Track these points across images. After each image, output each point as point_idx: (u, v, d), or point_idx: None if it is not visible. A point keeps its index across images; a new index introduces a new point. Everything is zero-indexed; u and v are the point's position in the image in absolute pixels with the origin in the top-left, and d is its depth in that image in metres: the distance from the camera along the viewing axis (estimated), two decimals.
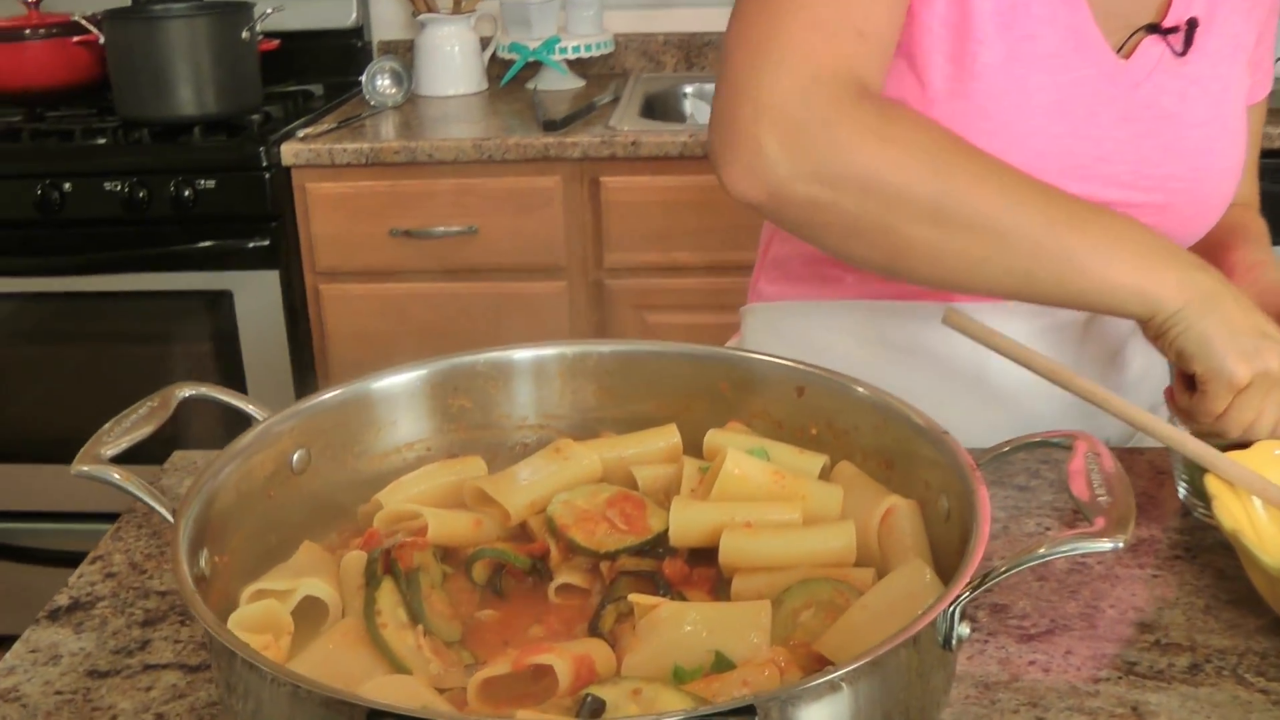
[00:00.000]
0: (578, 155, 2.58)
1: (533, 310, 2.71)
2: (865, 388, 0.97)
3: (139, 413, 0.88)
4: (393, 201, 2.61)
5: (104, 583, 1.12)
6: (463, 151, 2.57)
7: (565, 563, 0.92)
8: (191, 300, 2.57)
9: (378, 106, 2.83)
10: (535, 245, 2.66)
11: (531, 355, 1.05)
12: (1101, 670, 0.99)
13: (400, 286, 2.68)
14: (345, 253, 2.63)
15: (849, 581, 0.86)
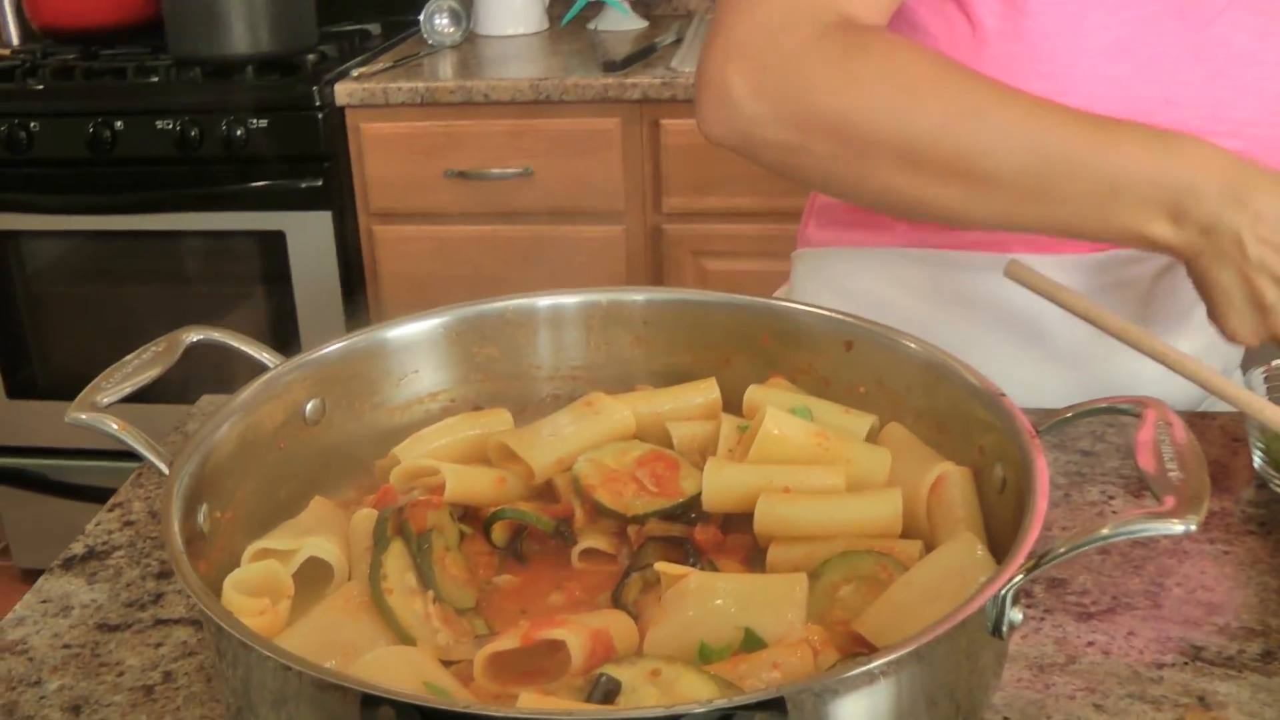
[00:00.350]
0: (637, 97, 2.51)
1: (589, 255, 2.65)
2: (918, 344, 0.90)
3: (142, 357, 0.83)
4: (447, 142, 2.56)
5: (121, 531, 1.08)
6: (519, 92, 2.50)
7: (590, 526, 0.86)
8: (243, 240, 2.54)
9: (435, 46, 2.77)
10: (592, 189, 2.60)
11: (563, 302, 0.99)
12: (1166, 654, 0.92)
13: (454, 229, 2.63)
14: (399, 194, 2.59)
15: (894, 555, 0.80)
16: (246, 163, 2.48)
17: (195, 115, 2.45)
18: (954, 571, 0.76)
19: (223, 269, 2.59)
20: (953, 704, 0.68)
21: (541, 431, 0.92)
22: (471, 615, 0.79)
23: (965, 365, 0.87)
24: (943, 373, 0.87)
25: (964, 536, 0.79)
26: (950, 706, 0.68)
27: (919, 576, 0.77)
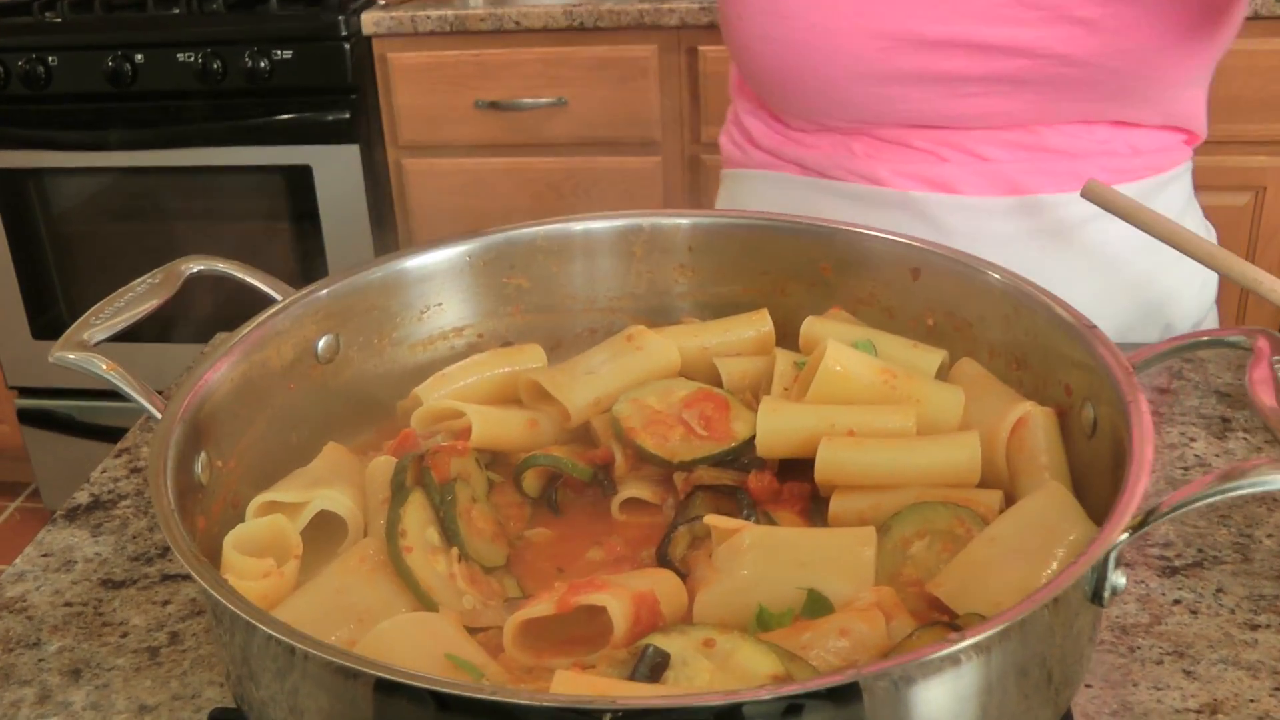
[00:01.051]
0: (675, 23, 2.40)
1: (625, 186, 2.55)
2: (996, 271, 0.81)
3: (137, 290, 0.75)
4: (478, 72, 2.46)
5: (128, 479, 1.01)
6: (552, 18, 2.40)
7: (632, 473, 0.78)
8: (269, 175, 2.46)
9: None
10: (628, 118, 2.50)
11: (600, 227, 0.90)
12: (1259, 614, 0.83)
13: (485, 161, 2.54)
14: (428, 126, 2.50)
15: (971, 507, 0.71)
16: (271, 95, 2.39)
17: (217, 47, 2.36)
18: (1041, 526, 0.68)
19: (249, 205, 2.51)
20: (1046, 680, 0.59)
21: (578, 369, 0.83)
22: (501, 574, 0.71)
23: (1050, 294, 0.77)
24: (1023, 302, 0.78)
25: (1050, 486, 0.71)
26: (1043, 680, 0.59)
27: (1001, 532, 0.68)
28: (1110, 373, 0.69)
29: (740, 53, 1.08)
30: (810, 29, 0.99)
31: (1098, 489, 0.70)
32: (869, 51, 0.99)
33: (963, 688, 0.54)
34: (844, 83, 1.01)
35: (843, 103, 1.03)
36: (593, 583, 0.62)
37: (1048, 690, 0.60)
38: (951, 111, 1.02)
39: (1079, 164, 1.03)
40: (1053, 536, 0.67)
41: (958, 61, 0.99)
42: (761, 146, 1.13)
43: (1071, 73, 0.99)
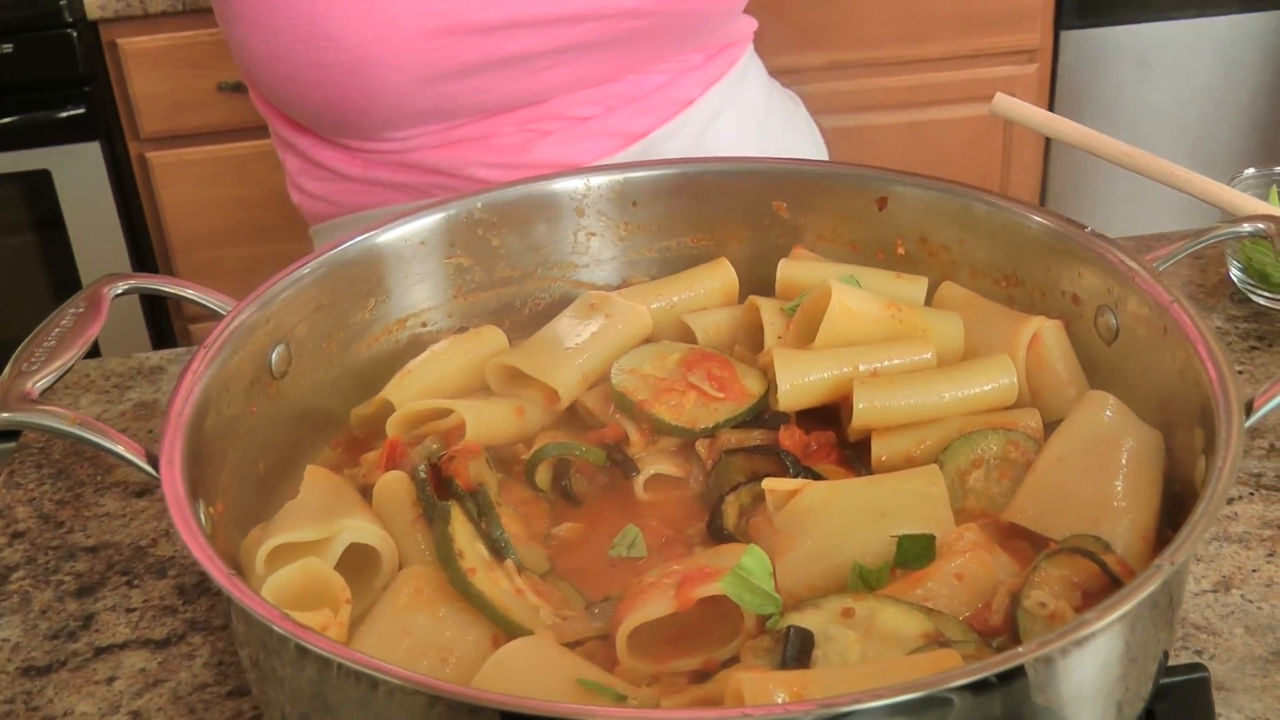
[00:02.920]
0: None
1: None
2: (972, 191, 0.79)
3: (62, 325, 0.64)
4: (218, 51, 2.28)
5: (12, 547, 0.88)
6: None
7: (650, 448, 0.72)
8: (4, 184, 2.22)
9: None
10: None
11: (539, 190, 0.83)
12: (1231, 490, 0.85)
13: (237, 146, 2.36)
14: (171, 114, 2.30)
15: (1020, 429, 0.69)
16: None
17: None
18: (1100, 438, 0.67)
19: None
20: (1169, 600, 0.58)
21: (551, 346, 0.77)
22: (554, 580, 0.64)
23: (1036, 206, 0.76)
24: (1010, 218, 0.77)
25: (1093, 396, 0.70)
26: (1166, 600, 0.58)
27: (1064, 450, 0.67)
28: (1137, 275, 0.68)
29: (286, 91, 0.99)
30: (367, 44, 0.91)
31: (1135, 390, 0.70)
32: (429, 52, 0.91)
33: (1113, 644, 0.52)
34: (408, 93, 0.94)
35: (410, 114, 0.96)
36: (702, 573, 0.57)
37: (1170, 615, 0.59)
38: (528, 90, 0.98)
39: (670, 92, 1.02)
40: (1114, 446, 0.66)
41: (522, 41, 0.93)
42: (356, 180, 1.05)
43: (637, 25, 0.96)
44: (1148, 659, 0.56)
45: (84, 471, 0.95)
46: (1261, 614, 0.76)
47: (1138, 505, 0.63)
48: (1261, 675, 0.72)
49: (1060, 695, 0.51)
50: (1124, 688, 0.55)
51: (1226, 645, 0.74)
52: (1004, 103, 0.96)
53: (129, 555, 0.86)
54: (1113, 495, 0.63)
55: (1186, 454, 0.63)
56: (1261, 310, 1.04)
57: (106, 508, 0.91)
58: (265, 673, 0.57)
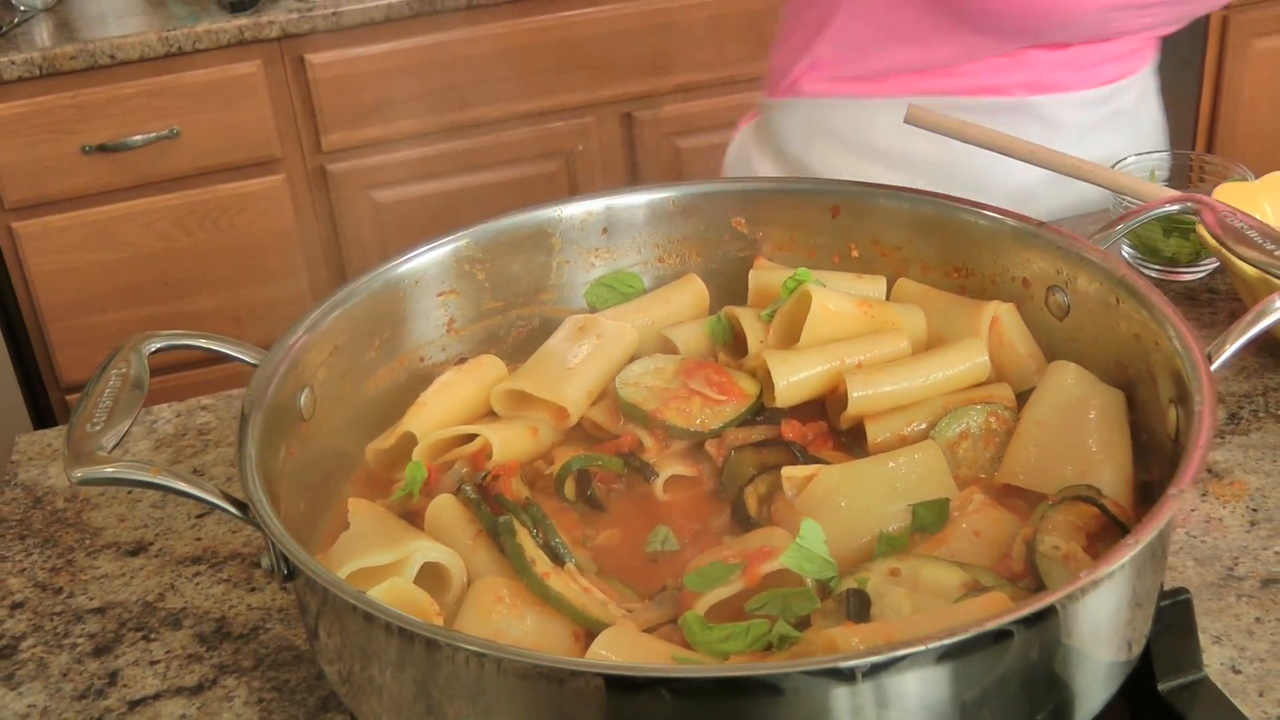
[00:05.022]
0: (276, 34, 2.31)
1: (253, 210, 2.43)
2: (918, 193, 0.87)
3: (110, 386, 0.66)
4: (79, 114, 2.26)
5: (14, 617, 0.88)
6: (149, 47, 2.24)
7: (663, 452, 0.78)
8: None
9: (28, 10, 2.42)
10: (244, 139, 2.38)
11: (516, 223, 0.88)
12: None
13: (105, 209, 2.34)
14: (35, 181, 2.26)
15: (998, 401, 0.77)
16: None
17: None
18: (1070, 401, 0.75)
19: None
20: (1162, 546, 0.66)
21: (553, 368, 0.82)
22: (605, 578, 0.69)
23: (978, 204, 0.84)
24: (955, 215, 0.85)
25: (1059, 365, 0.78)
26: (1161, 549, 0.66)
27: (1041, 415, 0.75)
28: (1084, 255, 0.77)
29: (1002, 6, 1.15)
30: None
31: (1088, 359, 0.78)
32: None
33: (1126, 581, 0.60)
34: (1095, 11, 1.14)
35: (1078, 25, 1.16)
36: (764, 551, 0.63)
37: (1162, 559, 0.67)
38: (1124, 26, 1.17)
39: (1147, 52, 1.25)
40: (1083, 407, 0.74)
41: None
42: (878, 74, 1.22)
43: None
44: (1149, 595, 0.64)
45: (71, 538, 0.95)
46: (1205, 547, 0.86)
47: (1115, 455, 0.71)
48: (1216, 599, 0.81)
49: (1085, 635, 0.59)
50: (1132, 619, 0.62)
51: (1181, 577, 0.83)
52: (917, 112, 1.05)
53: (138, 611, 0.88)
54: (1091, 449, 0.72)
55: (1153, 407, 0.72)
56: (1155, 282, 1.15)
57: (103, 569, 0.92)
58: (360, 684, 0.61)
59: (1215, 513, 0.89)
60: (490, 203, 2.28)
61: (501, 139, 2.55)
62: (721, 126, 2.63)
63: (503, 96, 2.50)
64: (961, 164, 1.18)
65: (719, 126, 2.63)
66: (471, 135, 2.51)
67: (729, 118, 2.60)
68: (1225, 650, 0.77)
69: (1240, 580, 0.83)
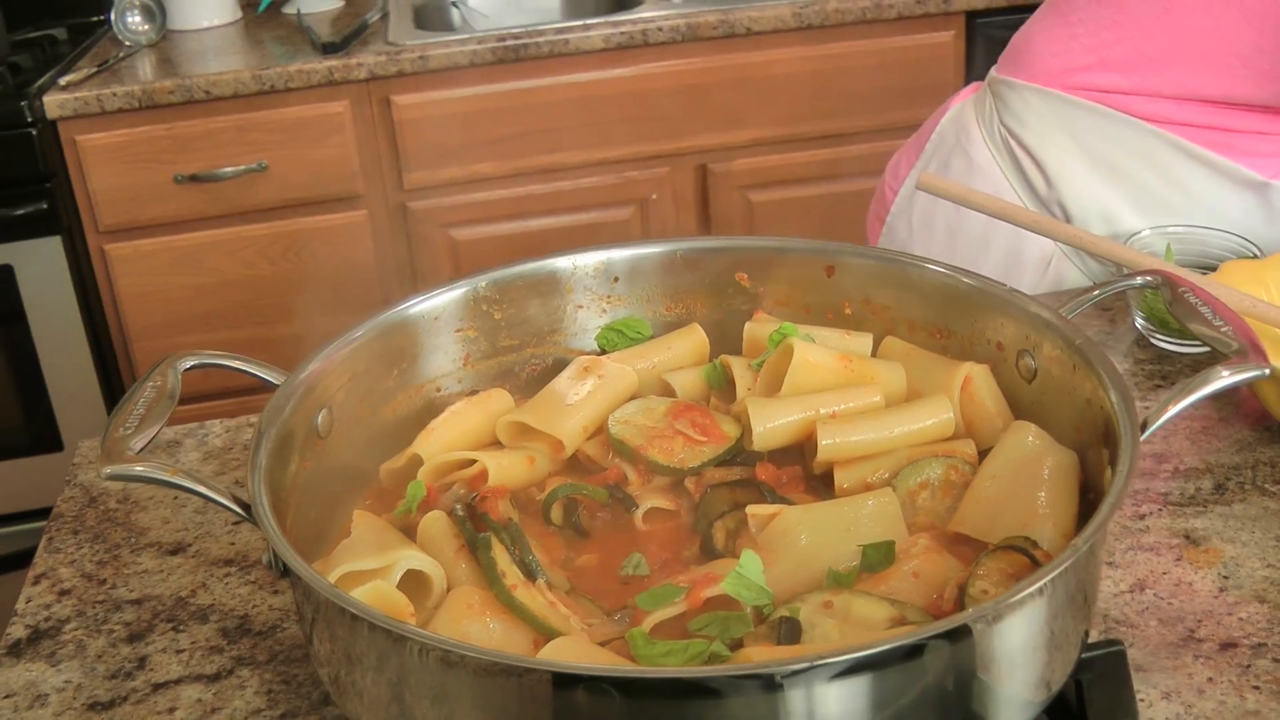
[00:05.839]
0: (364, 76, 2.43)
1: (335, 243, 2.55)
2: (904, 258, 0.93)
3: (145, 396, 0.75)
4: (172, 145, 2.39)
5: (61, 603, 0.97)
6: (243, 84, 2.37)
7: (646, 486, 0.84)
8: None
9: (133, 46, 2.57)
10: (329, 175, 2.50)
11: (533, 270, 0.96)
12: (1141, 506, 1.00)
13: (192, 236, 2.47)
14: (128, 207, 2.40)
15: (959, 455, 0.82)
16: None
17: None
18: (1025, 459, 0.80)
19: None
20: (1082, 592, 0.71)
21: (555, 404, 0.89)
22: (576, 596, 0.76)
23: (959, 269, 0.90)
24: (939, 279, 0.91)
25: (1019, 425, 0.83)
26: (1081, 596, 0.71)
27: (996, 470, 0.80)
28: (1051, 323, 0.82)
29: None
30: None
31: (1054, 420, 0.83)
32: None
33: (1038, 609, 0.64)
34: None
35: None
36: (710, 577, 0.69)
37: (1085, 607, 0.72)
38: None
39: None
40: (1037, 465, 0.79)
41: None
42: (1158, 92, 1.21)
43: None
44: (1068, 639, 0.69)
45: (119, 535, 1.04)
46: (1171, 608, 0.89)
47: (1058, 512, 0.76)
48: (1173, 658, 0.85)
49: (999, 669, 0.64)
50: (1049, 661, 0.67)
51: (1143, 635, 0.87)
52: (929, 180, 1.11)
53: (171, 605, 0.96)
54: (1038, 505, 0.77)
55: (1097, 469, 0.77)
56: (1164, 353, 1.19)
57: (144, 565, 1.00)
58: (345, 687, 0.68)
59: (1187, 577, 0.93)
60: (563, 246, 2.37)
61: (577, 184, 2.64)
62: (791, 182, 2.71)
63: (579, 143, 2.59)
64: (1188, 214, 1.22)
65: (789, 181, 2.71)
66: (548, 180, 2.61)
67: (800, 174, 2.68)
68: (1173, 706, 0.81)
69: (1200, 642, 0.87)
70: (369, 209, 2.57)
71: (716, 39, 2.53)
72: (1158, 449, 1.07)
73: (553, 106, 2.55)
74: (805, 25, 2.53)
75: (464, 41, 2.46)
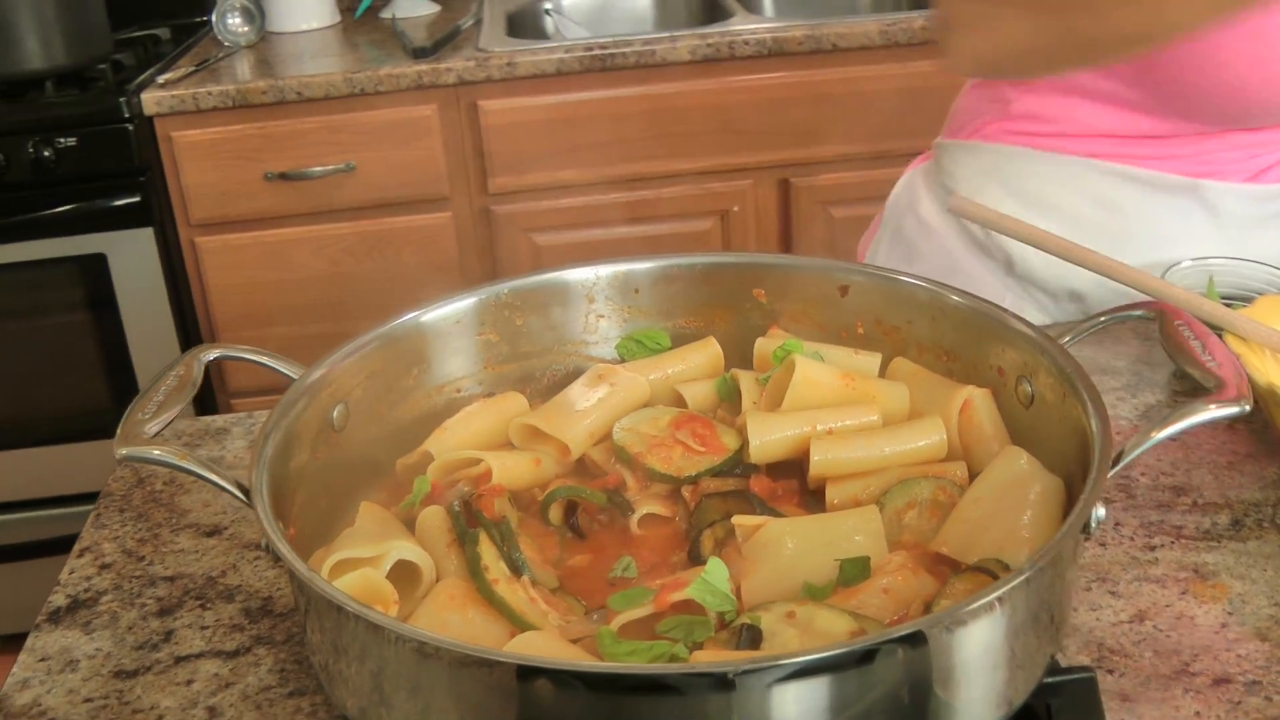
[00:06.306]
0: (453, 81, 2.49)
1: (419, 244, 2.62)
2: (915, 279, 0.94)
3: (167, 384, 0.80)
4: (264, 144, 2.48)
5: (101, 576, 1.03)
6: (334, 86, 2.45)
7: (643, 492, 0.87)
8: (62, 267, 2.40)
9: (231, 46, 2.67)
10: (416, 177, 2.57)
11: (555, 279, 0.99)
12: (1154, 538, 1.00)
13: (280, 232, 2.56)
14: (220, 202, 2.49)
15: (949, 477, 0.84)
16: (58, 184, 2.34)
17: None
18: (1010, 484, 0.81)
19: (43, 299, 2.43)
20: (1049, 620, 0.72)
21: (565, 409, 0.92)
22: (563, 594, 0.79)
23: (970, 293, 0.91)
24: (947, 304, 0.92)
25: (1010, 450, 0.84)
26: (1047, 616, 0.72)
27: (981, 493, 0.81)
28: (1047, 351, 0.83)
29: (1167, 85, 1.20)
30: (1247, 64, 1.14)
31: (1047, 448, 0.84)
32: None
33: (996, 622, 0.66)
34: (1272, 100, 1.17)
35: (1258, 113, 1.19)
36: (679, 581, 0.71)
37: (1051, 629, 0.73)
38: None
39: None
40: (1023, 489, 0.80)
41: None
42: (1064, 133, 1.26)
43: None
44: (1031, 658, 0.70)
45: (160, 515, 1.10)
46: (1170, 641, 0.90)
47: (1038, 537, 0.77)
48: (1163, 690, 0.85)
49: (955, 681, 0.65)
50: (1010, 678, 0.68)
51: (1135, 665, 0.87)
52: (960, 203, 1.12)
53: (202, 584, 1.01)
54: (1019, 529, 0.78)
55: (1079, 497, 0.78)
56: (1199, 386, 1.18)
57: (181, 545, 1.06)
58: (333, 674, 0.72)
59: (1189, 610, 0.93)
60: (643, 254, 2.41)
61: (659, 194, 2.67)
62: (872, 199, 2.71)
63: (662, 154, 2.63)
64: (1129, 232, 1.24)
65: (870, 198, 2.71)
66: (630, 188, 2.65)
67: (880, 190, 2.68)
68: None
69: (1193, 676, 0.87)
70: (454, 211, 2.62)
71: (802, 54, 2.54)
72: (1179, 481, 1.07)
73: (638, 116, 2.58)
74: (892, 43, 2.54)
75: (551, 50, 2.51)
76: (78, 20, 2.41)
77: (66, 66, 2.41)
